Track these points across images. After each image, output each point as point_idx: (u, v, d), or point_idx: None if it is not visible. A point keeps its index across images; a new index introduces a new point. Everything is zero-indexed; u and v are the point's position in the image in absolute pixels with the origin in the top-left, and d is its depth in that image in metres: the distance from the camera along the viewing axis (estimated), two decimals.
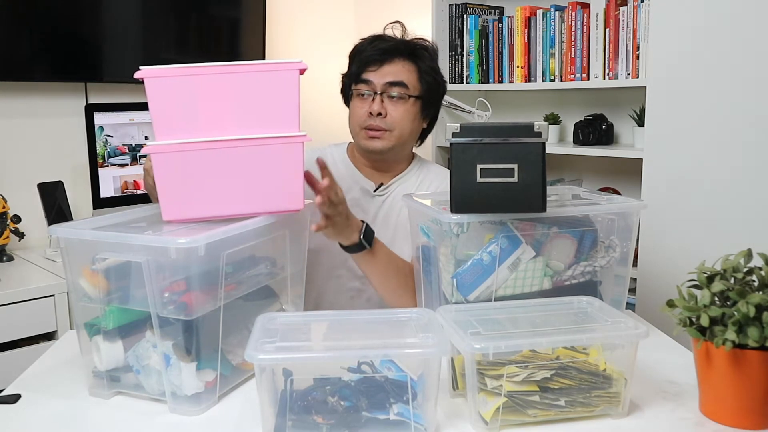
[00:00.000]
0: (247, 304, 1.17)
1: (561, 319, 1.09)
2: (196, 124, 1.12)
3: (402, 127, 1.59)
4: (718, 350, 0.96)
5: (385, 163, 1.66)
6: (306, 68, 1.15)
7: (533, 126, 1.14)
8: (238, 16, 2.90)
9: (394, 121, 1.58)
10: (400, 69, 1.59)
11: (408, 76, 1.59)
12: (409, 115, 1.59)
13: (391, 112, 1.57)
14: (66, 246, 1.09)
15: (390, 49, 1.59)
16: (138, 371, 1.07)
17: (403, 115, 1.58)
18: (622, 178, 2.67)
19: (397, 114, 1.58)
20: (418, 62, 1.61)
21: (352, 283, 1.64)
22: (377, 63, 1.58)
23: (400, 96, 1.58)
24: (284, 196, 1.16)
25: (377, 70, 1.58)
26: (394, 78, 1.57)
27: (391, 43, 1.61)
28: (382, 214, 1.65)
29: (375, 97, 1.57)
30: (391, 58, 1.59)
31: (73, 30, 2.45)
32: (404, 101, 1.58)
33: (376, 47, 1.59)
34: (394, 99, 1.58)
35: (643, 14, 2.31)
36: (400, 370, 0.97)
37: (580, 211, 1.28)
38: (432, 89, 1.64)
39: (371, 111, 1.56)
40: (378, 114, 1.56)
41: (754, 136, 1.96)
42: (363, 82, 1.59)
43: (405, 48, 1.61)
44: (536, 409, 0.98)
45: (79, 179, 2.52)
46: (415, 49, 1.62)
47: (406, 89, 1.58)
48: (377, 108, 1.56)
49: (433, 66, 1.64)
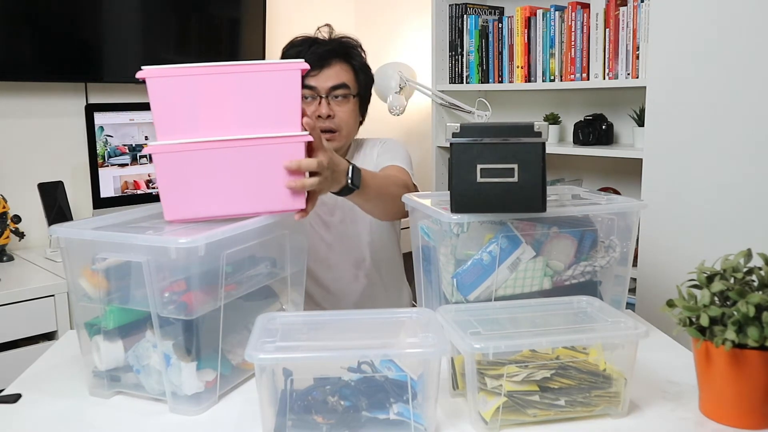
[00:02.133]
0: (247, 304, 1.17)
1: (561, 319, 1.09)
2: (197, 123, 1.12)
3: (348, 125, 1.69)
4: (717, 350, 0.96)
5: None
6: (307, 68, 1.15)
7: (533, 126, 1.14)
8: (238, 16, 2.90)
9: (342, 121, 1.67)
10: (339, 71, 1.67)
11: (347, 77, 1.69)
12: (353, 113, 1.70)
13: (338, 113, 1.67)
14: (66, 246, 1.09)
15: (327, 53, 1.67)
16: (138, 371, 1.07)
17: (348, 114, 1.68)
18: (622, 178, 2.67)
19: (343, 114, 1.67)
20: (353, 62, 1.71)
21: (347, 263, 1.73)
22: (317, 68, 1.65)
23: (344, 96, 1.67)
24: (286, 195, 1.16)
25: (318, 74, 1.65)
26: (336, 81, 1.66)
27: (327, 47, 1.68)
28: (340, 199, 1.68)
29: (321, 100, 1.65)
30: (330, 61, 1.66)
31: (73, 30, 2.45)
32: (347, 101, 1.68)
33: (313, 53, 1.65)
34: (339, 100, 1.67)
35: (643, 14, 2.31)
36: (400, 370, 0.97)
37: (580, 211, 1.28)
38: (368, 85, 1.75)
39: (320, 114, 1.64)
40: (327, 116, 1.64)
41: (754, 136, 1.96)
42: (306, 88, 1.65)
43: (340, 49, 1.69)
44: (536, 409, 0.98)
45: (79, 179, 2.52)
46: (347, 49, 1.71)
47: (347, 89, 1.68)
48: (326, 111, 1.65)
49: (364, 62, 1.74)
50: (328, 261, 1.75)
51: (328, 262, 1.75)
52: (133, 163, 2.41)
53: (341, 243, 1.76)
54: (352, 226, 1.76)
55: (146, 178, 2.45)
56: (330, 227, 1.76)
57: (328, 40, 1.71)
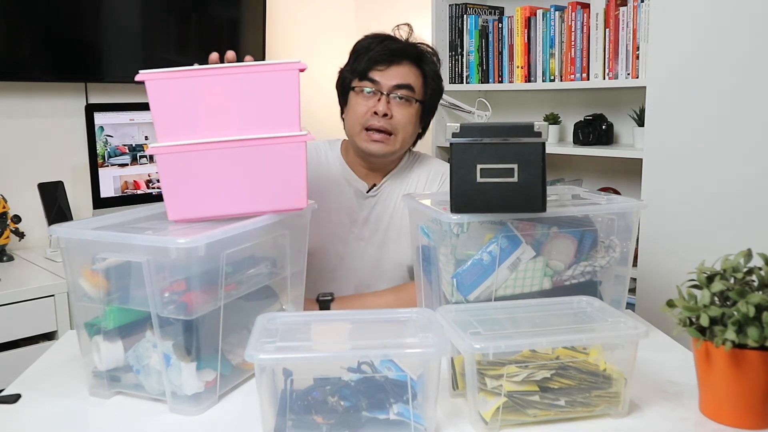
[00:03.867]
0: (247, 304, 1.17)
1: (561, 319, 1.09)
2: (197, 125, 1.12)
3: (405, 130, 1.58)
4: (718, 350, 0.96)
5: (380, 165, 1.65)
6: (305, 68, 1.15)
7: (533, 126, 1.14)
8: (238, 16, 2.90)
9: (399, 124, 1.56)
10: (407, 72, 1.58)
11: (415, 80, 1.58)
12: (412, 118, 1.59)
13: (396, 114, 1.56)
14: (66, 246, 1.09)
15: (399, 51, 1.58)
16: (138, 371, 1.07)
17: (407, 119, 1.57)
18: (622, 178, 2.67)
19: (402, 117, 1.56)
20: (425, 67, 1.61)
21: (349, 283, 1.64)
22: (385, 63, 1.56)
23: (406, 99, 1.57)
24: (287, 194, 1.16)
25: (385, 70, 1.56)
26: (402, 80, 1.56)
27: (400, 45, 1.60)
28: (374, 215, 1.64)
29: (381, 97, 1.56)
30: (400, 60, 1.58)
31: (74, 30, 2.45)
32: (409, 104, 1.58)
33: (386, 47, 1.58)
34: (400, 101, 1.56)
35: (643, 14, 2.31)
36: (400, 370, 0.97)
37: (580, 211, 1.28)
38: (435, 95, 1.64)
39: (377, 111, 1.54)
40: (384, 115, 1.54)
41: (754, 136, 1.96)
42: (369, 81, 1.57)
43: (413, 51, 1.60)
44: (536, 409, 0.98)
45: (79, 179, 2.52)
46: (422, 53, 1.62)
47: (412, 92, 1.57)
48: (383, 108, 1.54)
49: (437, 72, 1.64)
50: (333, 275, 1.65)
51: (332, 275, 1.65)
52: (133, 163, 2.41)
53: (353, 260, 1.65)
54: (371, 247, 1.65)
55: (146, 178, 2.45)
56: (348, 242, 1.65)
57: (403, 39, 1.62)
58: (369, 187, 1.65)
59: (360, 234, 1.65)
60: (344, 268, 1.64)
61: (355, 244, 1.65)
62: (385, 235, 1.63)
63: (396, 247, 1.64)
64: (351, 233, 1.65)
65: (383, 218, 1.64)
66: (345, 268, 1.64)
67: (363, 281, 1.65)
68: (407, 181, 1.67)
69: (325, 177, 1.64)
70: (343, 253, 1.64)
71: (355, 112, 1.58)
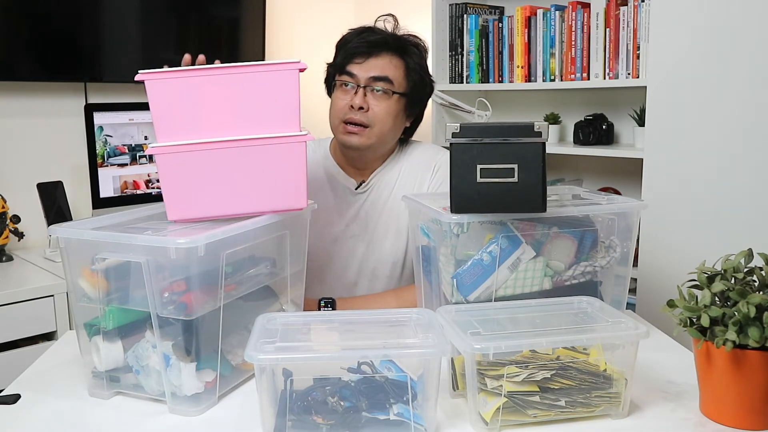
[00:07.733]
0: (247, 304, 1.16)
1: (561, 319, 1.09)
2: (197, 125, 1.12)
3: (383, 123, 1.55)
4: (718, 350, 0.96)
5: (363, 160, 1.63)
6: (305, 68, 1.15)
7: (533, 126, 1.13)
8: (238, 16, 2.90)
9: (375, 117, 1.54)
10: (386, 64, 1.55)
11: (394, 72, 1.55)
12: (391, 111, 1.55)
13: (373, 107, 1.54)
14: (66, 246, 1.09)
15: (378, 43, 1.55)
16: (138, 371, 1.07)
17: (384, 111, 1.54)
18: (622, 178, 2.67)
19: (378, 109, 1.54)
20: (406, 58, 1.58)
21: (338, 281, 1.64)
22: (363, 56, 1.54)
23: (383, 91, 1.54)
24: (287, 194, 1.16)
25: (363, 63, 1.54)
26: (379, 72, 1.54)
27: (380, 36, 1.57)
28: (363, 212, 1.63)
29: (358, 90, 1.53)
30: (379, 51, 1.55)
31: (73, 30, 2.45)
32: (387, 97, 1.55)
33: (363, 39, 1.56)
34: (377, 94, 1.54)
35: (643, 14, 2.31)
36: (400, 371, 0.97)
37: (580, 211, 1.27)
38: (418, 87, 1.60)
39: (352, 104, 1.53)
40: (359, 108, 1.52)
41: (754, 136, 1.95)
42: (347, 74, 1.55)
43: (394, 42, 1.57)
44: (536, 410, 0.98)
45: (78, 179, 2.52)
46: (404, 44, 1.58)
47: (390, 85, 1.54)
48: (359, 101, 1.52)
49: (422, 64, 1.61)
50: (322, 274, 1.64)
51: (322, 275, 1.64)
52: (133, 163, 2.41)
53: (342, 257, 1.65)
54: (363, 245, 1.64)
55: (146, 178, 2.45)
56: (338, 240, 1.63)
57: (385, 30, 1.59)
58: (358, 184, 1.64)
59: (350, 231, 1.64)
60: (334, 267, 1.64)
61: (344, 242, 1.64)
62: (375, 231, 1.62)
63: (384, 243, 1.63)
64: (341, 231, 1.64)
65: (372, 214, 1.63)
66: (334, 266, 1.64)
67: (351, 279, 1.64)
68: (396, 173, 1.64)
69: (312, 175, 1.64)
70: (332, 252, 1.64)
71: (334, 106, 1.58)
